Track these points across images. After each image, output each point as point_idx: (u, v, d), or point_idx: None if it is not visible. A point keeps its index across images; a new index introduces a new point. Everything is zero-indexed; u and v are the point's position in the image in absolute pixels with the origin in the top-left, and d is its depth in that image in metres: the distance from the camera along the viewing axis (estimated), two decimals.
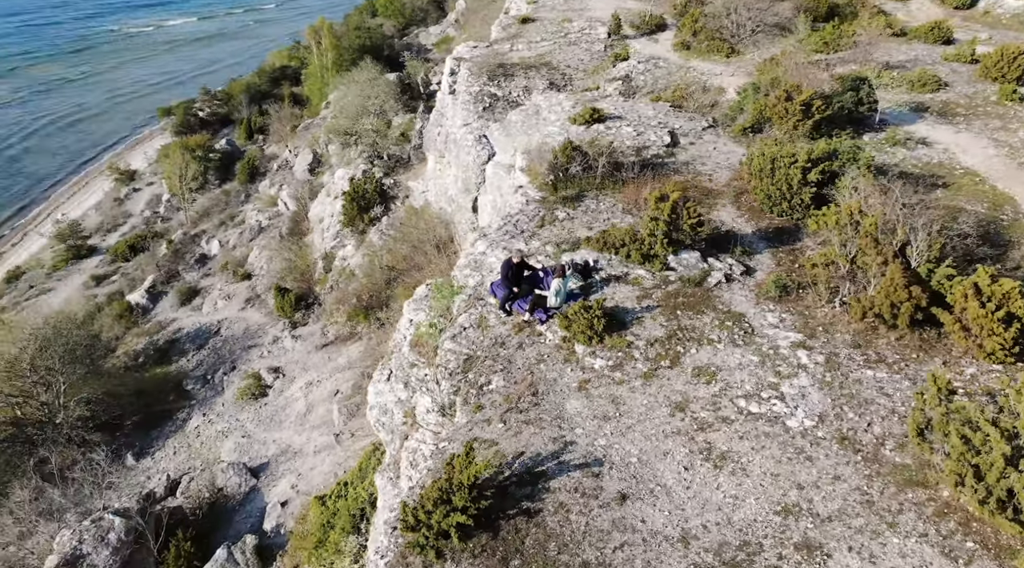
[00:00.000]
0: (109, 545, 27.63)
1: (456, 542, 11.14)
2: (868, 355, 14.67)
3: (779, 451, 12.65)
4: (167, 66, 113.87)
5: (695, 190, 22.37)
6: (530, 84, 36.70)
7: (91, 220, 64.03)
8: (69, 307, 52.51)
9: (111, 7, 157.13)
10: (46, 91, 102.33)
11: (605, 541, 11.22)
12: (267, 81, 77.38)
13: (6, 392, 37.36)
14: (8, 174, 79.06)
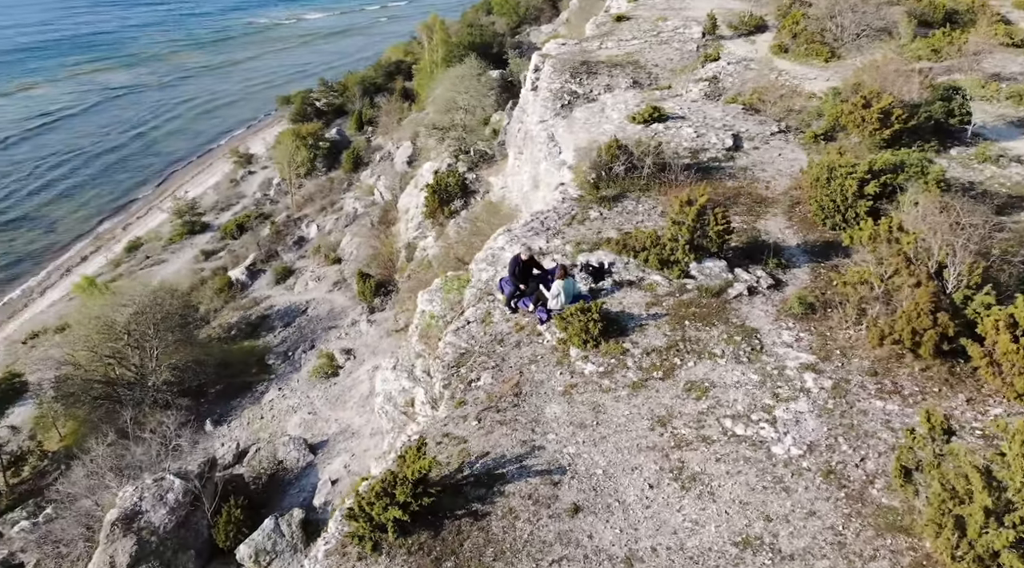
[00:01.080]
0: (167, 504, 29.10)
1: (391, 536, 10.99)
2: (883, 385, 13.43)
3: (755, 478, 11.77)
4: (300, 58, 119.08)
5: (747, 197, 21.26)
6: (613, 82, 35.93)
7: (208, 199, 67.92)
8: (177, 278, 56.02)
9: (252, 0, 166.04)
10: (187, 77, 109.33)
11: (544, 553, 10.77)
12: (382, 75, 79.60)
13: (103, 352, 40.13)
14: (145, 152, 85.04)
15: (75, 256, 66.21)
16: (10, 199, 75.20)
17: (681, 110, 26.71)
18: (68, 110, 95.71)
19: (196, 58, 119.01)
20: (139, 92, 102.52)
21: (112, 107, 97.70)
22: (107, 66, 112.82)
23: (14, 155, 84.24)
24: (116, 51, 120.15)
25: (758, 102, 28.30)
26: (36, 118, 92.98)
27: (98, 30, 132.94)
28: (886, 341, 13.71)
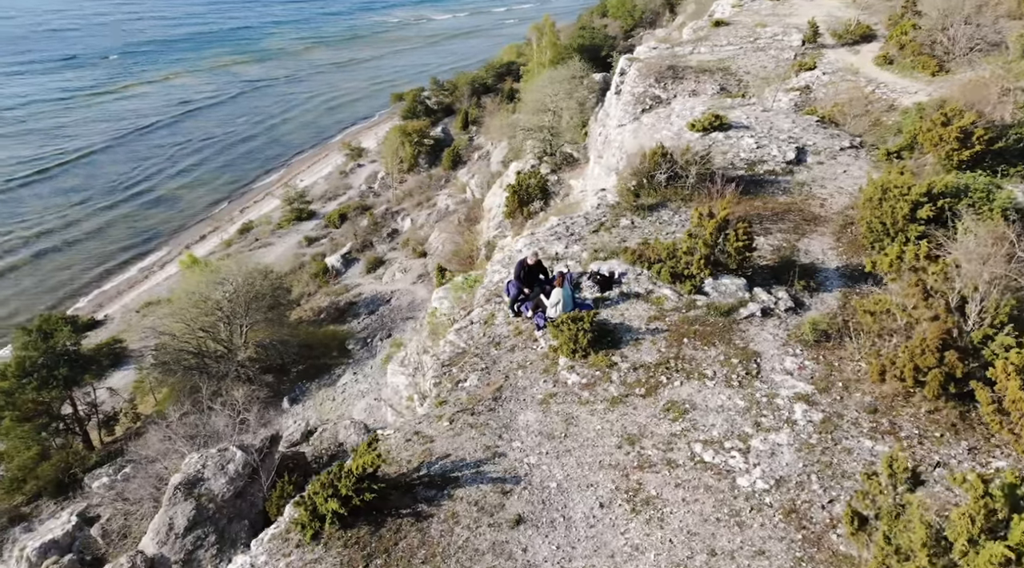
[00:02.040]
0: (227, 474, 30.62)
1: (327, 527, 11.18)
2: (879, 424, 12.46)
3: (711, 509, 11.20)
4: (423, 58, 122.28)
5: (797, 214, 20.19)
6: (699, 88, 34.97)
7: (319, 188, 70.97)
8: (280, 261, 58.89)
9: (382, 0, 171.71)
10: (315, 73, 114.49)
11: (474, 562, 10.67)
12: (492, 76, 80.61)
13: (196, 325, 42.69)
14: (269, 142, 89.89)
15: (195, 235, 70.83)
16: (148, 181, 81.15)
17: (747, 119, 25.64)
18: (207, 100, 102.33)
19: (325, 55, 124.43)
20: (270, 85, 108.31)
21: (245, 99, 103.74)
22: (244, 59, 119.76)
23: (155, 140, 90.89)
24: (252, 46, 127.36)
25: (838, 115, 26.80)
26: (177, 106, 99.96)
27: (241, 25, 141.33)
28: (887, 376, 12.71)
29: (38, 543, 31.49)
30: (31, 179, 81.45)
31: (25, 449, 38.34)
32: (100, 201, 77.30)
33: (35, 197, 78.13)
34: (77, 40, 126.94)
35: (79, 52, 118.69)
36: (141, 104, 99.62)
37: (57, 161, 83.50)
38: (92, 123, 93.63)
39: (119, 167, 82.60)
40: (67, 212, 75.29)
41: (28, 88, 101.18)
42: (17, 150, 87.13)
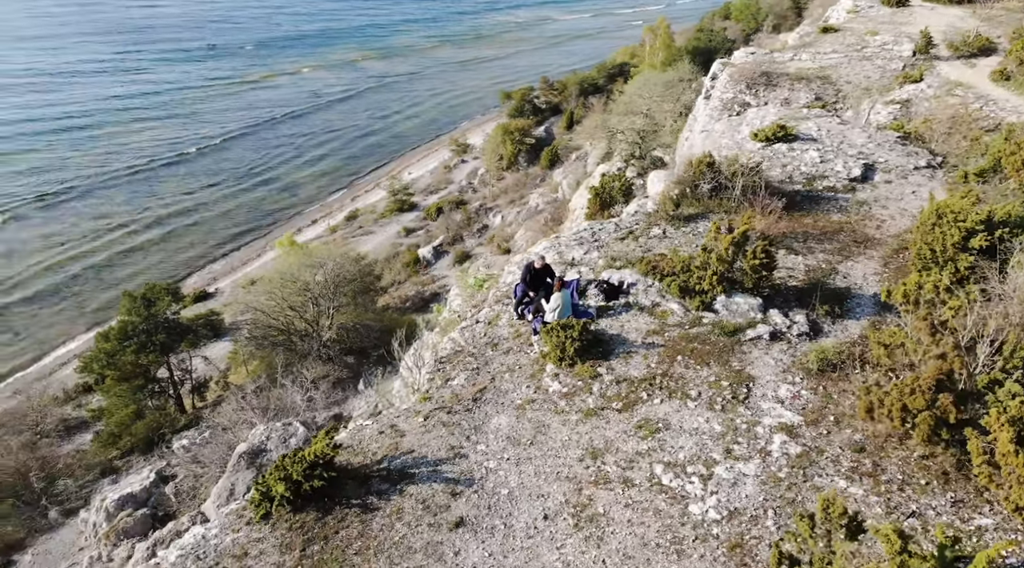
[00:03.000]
0: (288, 447, 32.03)
1: (275, 509, 11.56)
2: (861, 464, 11.62)
3: (655, 533, 10.81)
4: (545, 58, 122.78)
5: (848, 234, 19.05)
6: (792, 97, 33.53)
7: (423, 181, 72.85)
8: (377, 249, 60.92)
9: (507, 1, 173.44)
10: (438, 71, 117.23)
11: (404, 559, 10.77)
12: (604, 76, 79.94)
13: (286, 304, 44.82)
14: (387, 135, 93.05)
15: (307, 219, 74.37)
16: (272, 168, 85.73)
17: (817, 131, 24.31)
18: (335, 94, 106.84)
19: (449, 53, 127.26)
20: (395, 82, 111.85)
21: (370, 94, 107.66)
22: (372, 55, 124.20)
23: (283, 130, 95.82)
24: (381, 43, 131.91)
25: (926, 131, 25.01)
26: (307, 98, 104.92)
27: (371, 23, 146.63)
28: (876, 414, 11.82)
29: (117, 495, 33.99)
30: (171, 161, 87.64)
31: (123, 407, 41.50)
32: (228, 184, 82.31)
33: (173, 178, 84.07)
34: (218, 32, 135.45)
35: (220, 43, 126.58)
36: (274, 95, 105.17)
37: (196, 146, 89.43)
38: (229, 111, 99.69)
39: (249, 154, 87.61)
40: (198, 193, 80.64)
41: (175, 75, 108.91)
42: (162, 133, 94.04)
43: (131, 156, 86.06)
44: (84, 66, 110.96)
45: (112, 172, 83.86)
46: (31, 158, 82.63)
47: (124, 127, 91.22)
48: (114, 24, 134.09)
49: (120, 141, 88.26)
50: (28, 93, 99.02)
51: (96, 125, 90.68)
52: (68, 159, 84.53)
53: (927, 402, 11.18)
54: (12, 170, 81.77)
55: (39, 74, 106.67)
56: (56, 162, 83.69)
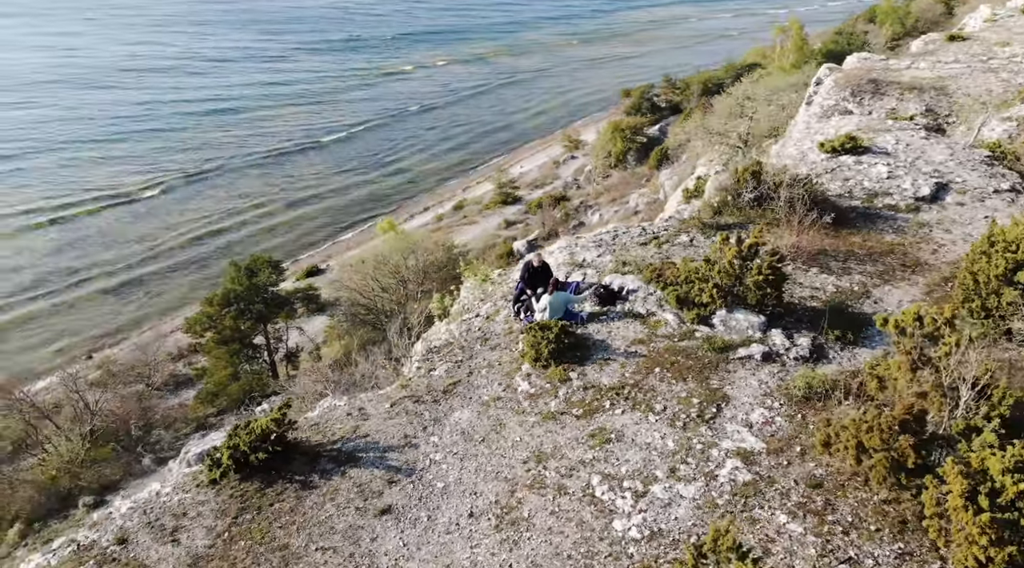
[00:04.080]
0: None
1: (220, 476, 12.13)
2: (811, 501, 10.81)
3: (571, 545, 10.54)
4: (679, 57, 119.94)
5: (896, 257, 17.66)
6: (900, 107, 31.38)
7: (531, 176, 73.28)
8: (476, 239, 61.88)
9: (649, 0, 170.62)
10: (569, 68, 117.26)
11: (322, 538, 11.06)
12: (731, 77, 77.06)
13: (382, 283, 46.44)
14: (506, 129, 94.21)
15: (419, 205, 76.59)
16: (397, 157, 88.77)
17: (893, 145, 22.53)
18: (467, 88, 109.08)
19: (581, 51, 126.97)
20: (525, 78, 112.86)
21: (499, 89, 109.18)
22: (505, 52, 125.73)
23: (413, 122, 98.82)
24: (515, 40, 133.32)
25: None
26: (439, 92, 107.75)
27: (508, 19, 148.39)
28: (832, 450, 10.96)
29: (199, 449, 36.33)
30: (306, 146, 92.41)
31: (222, 369, 44.44)
32: (354, 170, 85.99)
33: (306, 162, 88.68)
34: (359, 24, 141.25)
35: (360, 35, 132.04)
36: (407, 87, 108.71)
37: (329, 133, 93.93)
38: (364, 102, 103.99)
39: (378, 143, 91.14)
40: (327, 177, 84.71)
41: (315, 65, 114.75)
42: (299, 120, 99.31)
43: (270, 140, 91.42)
44: (232, 54, 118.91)
45: (251, 154, 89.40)
46: (182, 136, 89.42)
47: (264, 112, 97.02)
48: (262, 15, 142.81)
49: (260, 125, 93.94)
50: (181, 76, 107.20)
51: (239, 109, 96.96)
52: (213, 139, 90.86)
53: (883, 442, 10.26)
54: (165, 146, 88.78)
55: (192, 59, 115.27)
56: (203, 141, 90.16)
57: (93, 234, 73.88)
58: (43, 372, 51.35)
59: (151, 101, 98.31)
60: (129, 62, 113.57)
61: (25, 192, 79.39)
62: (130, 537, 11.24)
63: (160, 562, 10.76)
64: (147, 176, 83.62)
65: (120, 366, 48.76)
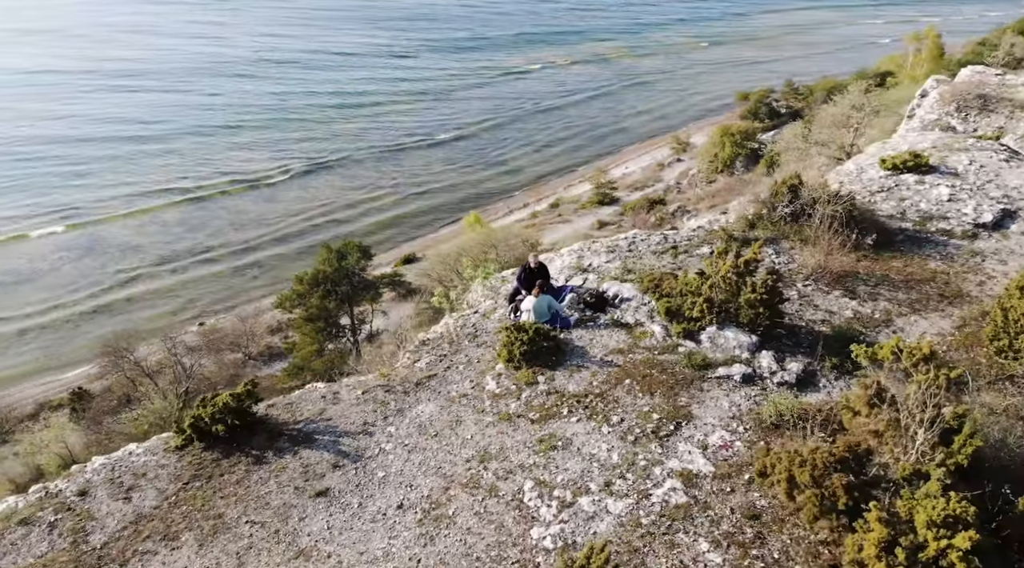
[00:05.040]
0: None
1: (182, 442, 12.79)
2: (740, 532, 10.23)
3: (483, 548, 10.46)
4: (817, 64, 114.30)
5: (934, 286, 16.38)
6: (1008, 126, 28.98)
7: (633, 177, 72.12)
8: (565, 238, 61.60)
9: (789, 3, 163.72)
10: (696, 71, 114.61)
11: (256, 513, 11.44)
12: (859, 85, 72.85)
13: (463, 275, 47.16)
14: (618, 129, 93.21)
15: (518, 202, 77.07)
16: (505, 154, 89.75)
17: (965, 165, 20.71)
18: (589, 90, 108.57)
19: (709, 54, 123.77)
20: (645, 80, 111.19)
21: (618, 91, 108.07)
22: (633, 54, 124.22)
23: (529, 122, 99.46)
24: (646, 41, 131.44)
25: None
26: (556, 92, 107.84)
27: (636, 21, 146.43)
28: (768, 483, 10.32)
29: None
30: (423, 142, 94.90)
31: (309, 344, 46.55)
32: (465, 166, 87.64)
33: (421, 157, 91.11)
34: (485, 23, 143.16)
35: (485, 34, 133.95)
36: (526, 86, 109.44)
37: (445, 130, 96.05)
38: (482, 100, 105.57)
39: (490, 141, 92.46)
40: (438, 173, 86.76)
41: (438, 63, 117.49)
42: (421, 116, 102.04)
43: (389, 134, 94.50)
44: (360, 49, 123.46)
45: (371, 146, 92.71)
46: (308, 126, 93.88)
47: (386, 107, 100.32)
48: (392, 11, 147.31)
49: (381, 119, 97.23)
50: (312, 70, 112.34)
51: (363, 103, 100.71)
52: (338, 131, 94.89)
53: (813, 478, 9.57)
54: (293, 136, 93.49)
55: (322, 54, 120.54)
56: (327, 132, 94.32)
57: (221, 213, 78.84)
58: (157, 335, 55.41)
59: (283, 92, 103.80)
60: (264, 54, 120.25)
61: (165, 171, 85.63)
62: (90, 491, 12.03)
63: (107, 516, 11.47)
64: (274, 163, 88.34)
65: (220, 335, 52.05)
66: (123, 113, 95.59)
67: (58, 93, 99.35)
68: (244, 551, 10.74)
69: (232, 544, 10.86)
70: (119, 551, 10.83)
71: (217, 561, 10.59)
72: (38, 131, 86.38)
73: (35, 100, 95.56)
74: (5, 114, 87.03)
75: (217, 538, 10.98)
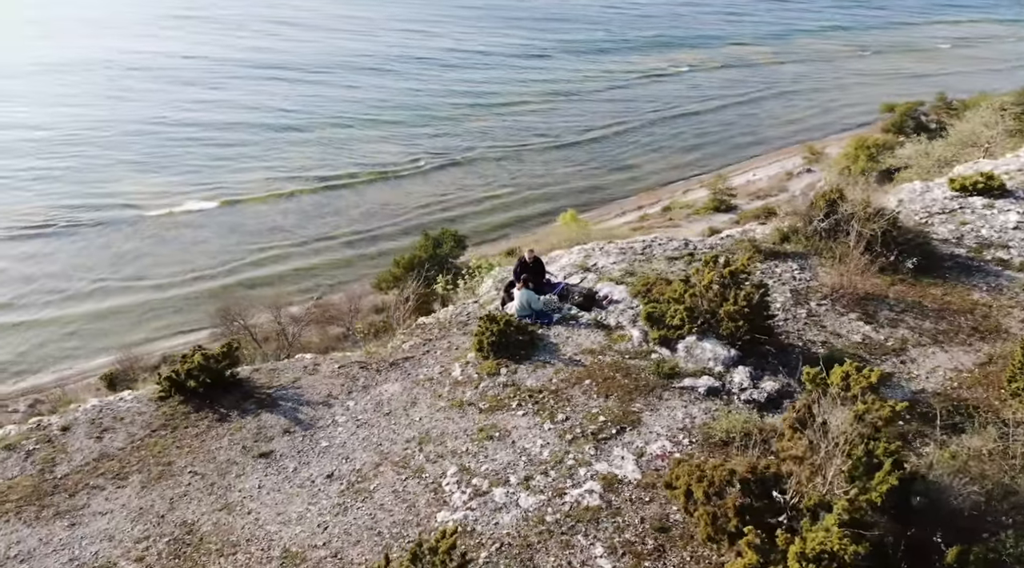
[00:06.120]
0: None
1: (158, 392, 13.70)
2: (641, 542, 9.85)
3: (389, 524, 10.62)
4: (987, 81, 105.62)
5: (976, 319, 15.01)
6: None
7: (757, 185, 69.21)
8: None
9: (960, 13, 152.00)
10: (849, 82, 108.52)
11: (200, 465, 12.12)
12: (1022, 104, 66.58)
13: None
14: (752, 137, 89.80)
15: (633, 204, 76.02)
16: (628, 157, 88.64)
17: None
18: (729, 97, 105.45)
19: (865, 64, 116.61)
20: (791, 89, 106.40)
21: (760, 98, 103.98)
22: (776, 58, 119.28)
23: (664, 127, 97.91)
24: (793, 46, 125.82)
25: None
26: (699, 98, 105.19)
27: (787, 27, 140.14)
28: (672, 495, 9.86)
29: None
30: (549, 143, 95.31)
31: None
32: (587, 167, 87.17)
33: (544, 158, 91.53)
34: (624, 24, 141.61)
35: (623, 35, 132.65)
36: (663, 91, 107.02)
37: (573, 133, 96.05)
38: (616, 102, 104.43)
39: (617, 145, 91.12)
40: (559, 173, 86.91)
41: (575, 64, 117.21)
42: (549, 117, 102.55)
43: (516, 134, 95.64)
44: (495, 48, 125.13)
45: (496, 144, 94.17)
46: (439, 122, 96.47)
47: (517, 107, 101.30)
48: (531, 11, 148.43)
49: (509, 119, 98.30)
50: (447, 68, 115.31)
51: (494, 103, 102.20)
52: (468, 128, 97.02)
53: (706, 496, 9.09)
54: (424, 131, 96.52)
55: (458, 52, 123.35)
56: (457, 129, 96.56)
57: (352, 200, 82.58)
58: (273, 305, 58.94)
59: (418, 88, 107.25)
60: (403, 51, 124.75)
61: (304, 158, 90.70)
62: (73, 427, 13.12)
63: (77, 452, 12.48)
64: (405, 156, 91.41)
65: (328, 310, 54.73)
66: (267, 102, 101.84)
67: (209, 79, 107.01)
68: (178, 497, 11.40)
69: (170, 490, 11.55)
70: (73, 483, 11.77)
71: (152, 503, 11.30)
72: (190, 115, 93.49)
73: (187, 85, 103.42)
74: (161, 97, 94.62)
75: (160, 483, 11.70)
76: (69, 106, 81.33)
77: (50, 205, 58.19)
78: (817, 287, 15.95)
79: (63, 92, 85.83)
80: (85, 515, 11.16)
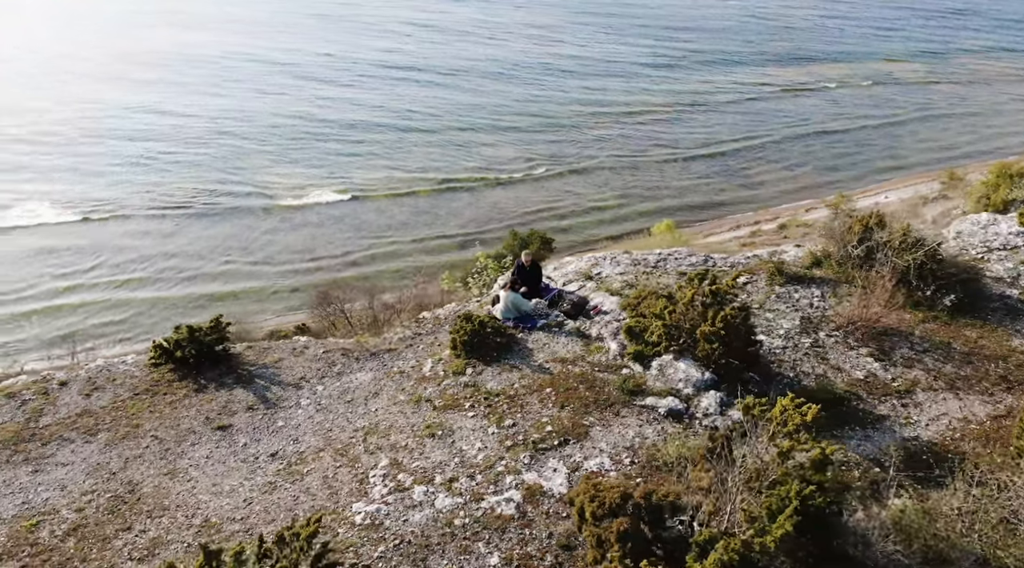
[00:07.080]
0: None
1: (151, 360, 14.40)
2: (538, 558, 9.48)
3: (308, 507, 10.72)
4: None
5: (1007, 368, 13.62)
6: None
7: (888, 208, 65.03)
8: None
9: None
10: (1008, 108, 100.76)
11: (165, 430, 12.65)
12: None
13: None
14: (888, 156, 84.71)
15: (749, 218, 73.44)
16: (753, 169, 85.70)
17: None
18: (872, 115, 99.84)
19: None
20: (946, 110, 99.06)
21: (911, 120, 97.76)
22: (931, 79, 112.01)
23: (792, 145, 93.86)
24: (948, 67, 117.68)
25: None
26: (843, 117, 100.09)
27: (949, 46, 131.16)
28: (571, 512, 9.42)
29: None
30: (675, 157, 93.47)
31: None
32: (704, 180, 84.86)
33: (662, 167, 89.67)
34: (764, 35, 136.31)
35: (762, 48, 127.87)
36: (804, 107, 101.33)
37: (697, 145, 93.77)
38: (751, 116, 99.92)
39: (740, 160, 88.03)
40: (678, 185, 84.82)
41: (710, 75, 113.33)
42: (675, 129, 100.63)
43: (635, 143, 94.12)
44: (623, 57, 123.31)
45: (615, 154, 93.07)
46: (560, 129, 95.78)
47: (639, 117, 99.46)
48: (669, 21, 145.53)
49: (632, 129, 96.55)
50: (571, 75, 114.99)
51: (616, 112, 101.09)
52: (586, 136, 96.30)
53: (594, 517, 8.64)
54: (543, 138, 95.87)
55: (581, 60, 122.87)
56: (576, 137, 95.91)
57: (468, 201, 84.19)
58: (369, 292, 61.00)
59: (541, 95, 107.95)
60: (529, 58, 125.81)
61: (425, 159, 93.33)
62: (70, 383, 14.03)
63: (63, 405, 13.33)
64: (522, 162, 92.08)
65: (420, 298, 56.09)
66: (396, 102, 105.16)
67: (344, 79, 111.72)
68: (133, 458, 11.96)
69: (129, 450, 12.13)
70: (49, 433, 12.57)
71: (109, 460, 11.91)
72: (323, 112, 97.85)
73: (324, 83, 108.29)
74: (298, 93, 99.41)
75: (122, 442, 12.31)
76: (216, 97, 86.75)
77: (192, 188, 62.10)
78: (833, 316, 14.83)
79: (212, 83, 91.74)
80: (49, 464, 11.88)
